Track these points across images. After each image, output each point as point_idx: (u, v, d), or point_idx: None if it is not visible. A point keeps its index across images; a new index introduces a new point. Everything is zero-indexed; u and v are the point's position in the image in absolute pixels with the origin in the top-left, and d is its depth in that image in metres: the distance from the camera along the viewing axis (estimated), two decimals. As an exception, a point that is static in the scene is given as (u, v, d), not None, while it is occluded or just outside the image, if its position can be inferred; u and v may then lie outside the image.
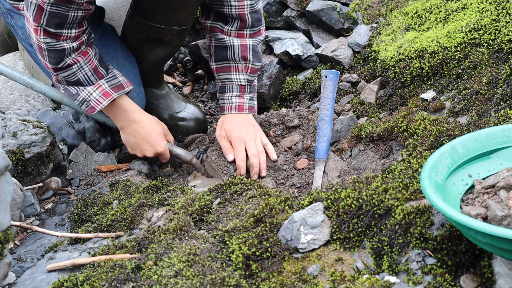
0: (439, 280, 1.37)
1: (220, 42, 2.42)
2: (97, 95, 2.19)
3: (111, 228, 1.98)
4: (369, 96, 2.49)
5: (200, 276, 1.55)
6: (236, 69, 2.42)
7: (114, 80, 2.23)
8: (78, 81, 2.19)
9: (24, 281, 1.81)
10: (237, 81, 2.42)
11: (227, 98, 2.43)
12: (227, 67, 2.43)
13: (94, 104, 2.20)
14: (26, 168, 2.23)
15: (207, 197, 1.96)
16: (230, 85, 2.43)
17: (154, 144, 2.31)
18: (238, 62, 2.42)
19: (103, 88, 2.20)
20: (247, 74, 2.44)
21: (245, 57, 2.41)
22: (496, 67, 2.15)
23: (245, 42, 2.42)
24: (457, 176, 1.49)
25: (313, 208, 1.66)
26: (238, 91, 2.43)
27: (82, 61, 2.16)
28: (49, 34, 2.06)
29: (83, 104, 2.22)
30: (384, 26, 2.77)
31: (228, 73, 2.43)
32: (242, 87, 2.43)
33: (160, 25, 2.34)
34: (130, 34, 2.48)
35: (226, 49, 2.41)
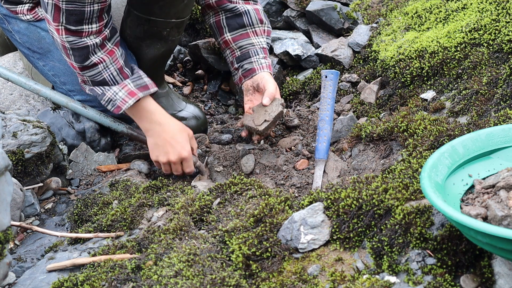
0: (439, 280, 1.37)
1: (233, 11, 2.46)
2: (122, 95, 2.19)
3: (111, 228, 1.98)
4: (369, 96, 2.49)
5: (200, 276, 1.55)
6: (254, 33, 2.47)
7: (140, 80, 2.23)
8: (104, 80, 2.19)
9: (24, 281, 1.81)
10: (259, 44, 2.47)
11: (255, 61, 2.45)
12: (245, 34, 2.47)
13: (120, 103, 2.19)
14: (26, 168, 2.23)
15: (207, 197, 1.96)
16: (254, 49, 2.46)
17: (179, 147, 2.23)
18: (256, 26, 2.47)
19: (129, 87, 2.20)
20: (265, 37, 2.50)
21: (261, 19, 2.47)
22: (496, 67, 2.15)
23: (256, 6, 2.50)
24: (457, 176, 1.49)
25: (313, 208, 1.66)
26: (263, 53, 2.47)
27: (108, 60, 2.17)
28: (71, 32, 2.07)
29: (109, 104, 2.21)
30: (384, 26, 2.77)
31: (248, 39, 2.47)
32: (264, 49, 2.48)
33: (158, 18, 2.35)
34: (128, 30, 2.48)
35: (241, 16, 2.46)
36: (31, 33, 2.47)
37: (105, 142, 2.56)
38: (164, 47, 2.48)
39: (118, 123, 2.43)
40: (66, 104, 2.44)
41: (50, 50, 2.44)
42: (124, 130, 2.42)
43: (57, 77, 2.49)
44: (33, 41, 2.48)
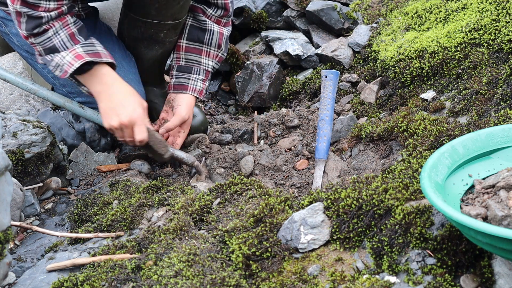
0: (439, 280, 1.37)
1: (200, 23, 2.45)
2: (70, 58, 2.11)
3: (111, 228, 1.98)
4: (369, 96, 2.49)
5: (200, 276, 1.55)
6: (207, 54, 2.46)
7: (91, 47, 2.15)
8: (54, 47, 2.12)
9: (24, 281, 1.81)
10: (205, 66, 2.46)
11: (193, 79, 2.44)
12: (199, 50, 2.46)
13: (67, 67, 2.11)
14: (26, 168, 2.23)
15: (207, 197, 1.96)
16: (198, 68, 2.45)
17: (130, 109, 2.14)
18: (212, 48, 2.46)
19: (77, 51, 2.12)
20: (215, 61, 2.48)
21: (220, 44, 2.46)
22: (496, 67, 2.15)
23: (222, 30, 2.48)
24: (457, 176, 1.49)
25: (313, 208, 1.66)
26: (204, 76, 2.46)
27: (58, 26, 2.10)
28: (27, 4, 2.03)
29: (57, 69, 2.14)
30: (384, 26, 2.77)
31: (198, 55, 2.46)
32: (207, 73, 2.47)
33: (154, 20, 2.35)
34: (126, 32, 2.48)
35: (204, 32, 2.44)
36: None
37: (105, 142, 2.56)
38: (162, 48, 2.48)
39: None
40: (63, 105, 2.44)
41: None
42: None
43: (56, 79, 2.49)
44: None
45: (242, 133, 2.55)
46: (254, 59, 2.94)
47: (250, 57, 3.03)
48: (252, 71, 2.87)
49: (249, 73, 2.87)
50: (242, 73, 2.91)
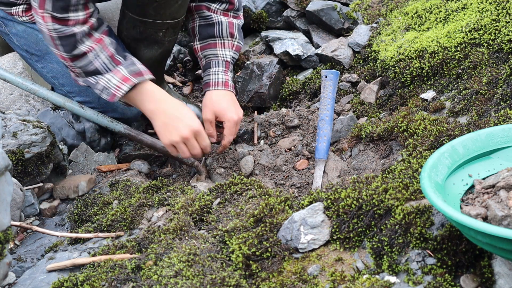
0: (439, 280, 1.37)
1: (207, 19, 2.44)
2: (116, 81, 2.13)
3: (111, 228, 1.98)
4: (369, 96, 2.49)
5: (200, 276, 1.55)
6: (222, 45, 2.43)
7: (133, 67, 2.17)
8: (96, 70, 2.13)
9: (24, 281, 1.81)
10: (223, 57, 2.42)
11: (213, 73, 2.40)
12: (213, 44, 2.43)
13: (115, 91, 2.13)
14: (26, 168, 2.23)
15: (207, 197, 1.96)
16: (216, 60, 2.41)
17: (188, 120, 2.14)
18: (225, 39, 2.43)
19: (122, 74, 2.14)
20: (232, 51, 2.45)
21: (232, 33, 2.43)
22: (496, 67, 2.15)
23: (231, 20, 2.46)
24: (457, 176, 1.49)
25: (313, 208, 1.66)
26: (224, 67, 2.41)
27: (98, 48, 2.12)
28: (57, 20, 2.04)
29: (103, 92, 2.15)
30: (384, 26, 2.77)
31: (214, 49, 2.43)
32: (227, 63, 2.42)
33: (153, 19, 2.34)
34: (125, 32, 2.48)
35: (213, 26, 2.43)
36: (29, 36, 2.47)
37: (105, 142, 2.56)
38: (162, 48, 2.48)
39: (116, 123, 2.42)
40: (63, 104, 2.44)
41: (49, 52, 2.44)
42: (122, 130, 2.41)
43: (56, 79, 2.49)
44: (31, 43, 2.48)
45: (242, 133, 2.55)
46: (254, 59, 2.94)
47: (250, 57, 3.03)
48: (252, 71, 2.87)
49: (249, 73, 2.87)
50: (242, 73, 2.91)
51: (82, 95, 2.47)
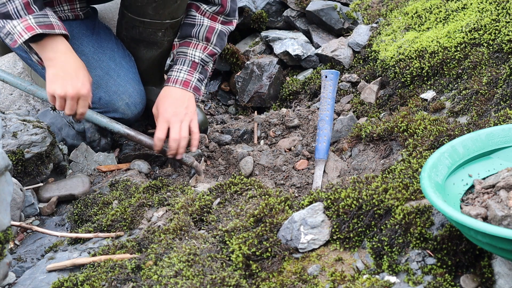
0: (439, 280, 1.37)
1: (191, 18, 2.42)
2: (20, 29, 2.11)
3: (111, 228, 1.98)
4: (369, 96, 2.49)
5: (200, 276, 1.55)
6: (195, 46, 2.40)
7: (44, 18, 2.14)
8: (8, 13, 2.11)
9: (24, 281, 1.81)
10: (191, 57, 2.39)
11: (176, 70, 2.38)
12: (187, 43, 2.41)
13: (17, 37, 2.11)
14: (26, 168, 2.23)
15: (207, 197, 1.96)
16: (183, 59, 2.39)
17: (79, 83, 2.15)
18: (200, 41, 2.40)
19: (28, 22, 2.11)
20: (203, 53, 2.41)
21: (208, 38, 2.40)
22: (496, 67, 2.15)
23: (214, 25, 2.42)
24: (457, 176, 1.49)
25: (313, 208, 1.66)
26: (189, 67, 2.38)
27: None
28: None
29: (8, 37, 2.15)
30: (384, 26, 2.77)
31: (186, 47, 2.41)
32: (194, 63, 2.39)
33: (152, 19, 2.34)
34: (124, 32, 2.48)
35: (193, 26, 2.40)
36: None
37: (105, 142, 2.56)
38: (161, 48, 2.48)
39: (115, 124, 2.41)
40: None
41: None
42: (121, 130, 2.41)
43: None
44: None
45: (242, 133, 2.55)
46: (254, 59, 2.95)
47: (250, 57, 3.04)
48: (252, 71, 2.87)
49: (249, 73, 2.87)
50: (242, 73, 2.91)
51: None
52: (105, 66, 2.44)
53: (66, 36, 2.19)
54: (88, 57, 2.42)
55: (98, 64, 2.43)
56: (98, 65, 2.43)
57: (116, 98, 2.46)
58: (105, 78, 2.42)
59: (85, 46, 2.43)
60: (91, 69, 2.43)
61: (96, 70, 2.43)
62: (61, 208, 2.31)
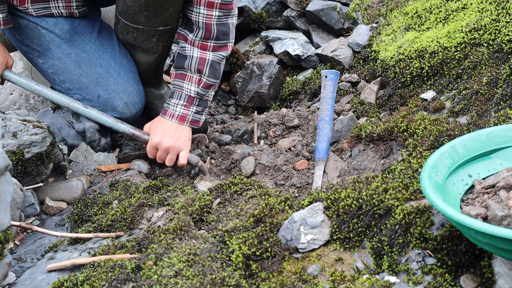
0: (439, 280, 1.37)
1: (182, 50, 2.39)
2: None
3: (111, 228, 1.98)
4: (369, 96, 2.49)
5: (200, 276, 1.55)
6: (190, 79, 2.38)
7: None
8: None
9: (24, 281, 1.81)
10: (187, 91, 2.38)
11: (173, 104, 2.39)
12: (183, 75, 2.39)
13: None
14: (26, 168, 2.23)
15: (207, 197, 1.96)
16: (180, 93, 2.39)
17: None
18: (193, 73, 2.38)
19: None
20: (199, 87, 2.38)
21: (200, 70, 2.36)
22: (496, 67, 2.15)
23: (205, 55, 2.36)
24: (457, 176, 1.49)
25: (313, 208, 1.66)
26: (185, 101, 2.38)
27: None
28: None
29: None
30: (384, 26, 2.77)
31: (182, 80, 2.39)
32: (190, 98, 2.38)
33: (145, 26, 2.34)
34: (120, 36, 2.49)
35: (185, 58, 2.38)
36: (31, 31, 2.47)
37: (105, 142, 2.56)
38: (157, 53, 2.47)
39: (120, 123, 2.42)
40: (67, 105, 2.43)
41: (50, 48, 2.44)
42: (126, 130, 2.41)
43: (56, 75, 2.49)
44: (32, 38, 2.47)
45: (242, 133, 2.55)
46: (254, 59, 2.95)
47: (250, 57, 3.04)
48: (252, 71, 2.87)
49: (249, 73, 2.87)
50: (242, 73, 2.91)
51: (82, 93, 2.47)
52: (105, 64, 2.44)
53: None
54: (89, 54, 2.43)
55: (99, 62, 2.44)
56: (98, 63, 2.43)
57: (115, 96, 2.46)
58: (105, 76, 2.42)
59: (86, 43, 2.44)
60: (91, 67, 2.43)
61: (96, 68, 2.43)
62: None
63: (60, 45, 2.41)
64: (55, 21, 2.41)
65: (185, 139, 2.37)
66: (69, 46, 2.42)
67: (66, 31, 2.41)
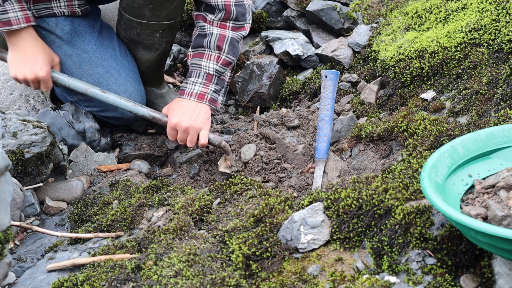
0: (439, 280, 1.37)
1: (201, 29, 2.41)
2: None
3: (111, 228, 1.98)
4: (369, 96, 2.49)
5: (200, 276, 1.55)
6: (208, 57, 2.39)
7: (2, 15, 2.20)
8: None
9: (24, 281, 1.81)
10: (205, 69, 2.38)
11: (191, 82, 2.37)
12: (201, 54, 2.40)
13: None
14: (26, 168, 2.23)
15: (207, 197, 1.96)
16: (198, 71, 2.38)
17: (37, 68, 2.28)
18: (212, 50, 2.39)
19: None
20: (218, 64, 2.39)
21: (220, 46, 2.38)
22: (496, 67, 2.15)
23: (224, 33, 2.40)
24: (457, 176, 1.49)
25: (313, 208, 1.66)
26: (204, 79, 2.38)
27: None
28: None
29: None
30: (384, 26, 2.77)
31: (200, 59, 2.39)
32: (209, 75, 2.38)
33: (149, 21, 2.34)
34: (123, 33, 2.48)
35: (204, 36, 2.39)
36: None
37: (105, 142, 2.56)
38: (160, 50, 2.48)
39: (140, 106, 2.36)
40: (85, 91, 2.37)
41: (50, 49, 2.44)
42: (145, 113, 2.36)
43: None
44: None
45: (242, 133, 2.54)
46: (254, 59, 2.95)
47: (250, 57, 3.04)
48: (252, 71, 2.87)
49: (249, 73, 2.87)
50: (242, 73, 2.91)
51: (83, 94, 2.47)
52: (106, 64, 2.44)
53: (31, 25, 2.27)
54: (90, 54, 2.43)
55: (100, 62, 2.44)
56: (99, 63, 2.43)
57: (116, 97, 2.46)
58: (106, 76, 2.42)
59: (87, 44, 2.44)
60: (92, 67, 2.43)
61: (97, 68, 2.43)
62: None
63: (61, 46, 2.41)
64: (56, 22, 2.41)
65: (204, 118, 2.33)
66: (70, 47, 2.42)
67: (67, 32, 2.41)
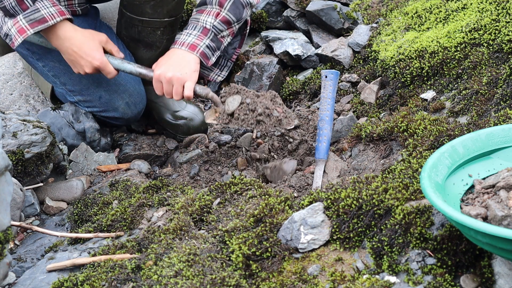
0: (439, 280, 1.37)
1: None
2: (14, 31, 2.18)
3: (111, 228, 1.98)
4: (369, 96, 2.49)
5: (200, 276, 1.55)
6: (208, 12, 2.33)
7: (35, 14, 2.17)
8: (5, 8, 2.18)
9: (24, 281, 1.81)
10: (202, 22, 2.32)
11: (185, 33, 2.32)
12: (202, 10, 2.35)
13: (14, 39, 2.20)
14: (26, 168, 2.23)
15: (207, 197, 1.96)
16: (195, 24, 2.33)
17: (89, 59, 2.24)
18: (213, 6, 2.32)
19: (20, 24, 2.17)
20: (216, 20, 2.32)
21: (221, 3, 2.32)
22: (496, 67, 2.15)
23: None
24: (457, 176, 1.49)
25: (313, 208, 1.66)
26: (199, 32, 2.31)
27: None
28: None
29: (7, 38, 2.25)
30: (384, 26, 2.77)
31: (200, 14, 2.34)
32: (205, 29, 2.31)
33: (150, 18, 2.34)
34: (124, 31, 2.48)
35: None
36: None
37: (105, 142, 2.56)
38: (160, 48, 2.47)
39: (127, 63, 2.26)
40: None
41: (50, 50, 2.44)
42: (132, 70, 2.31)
43: (57, 78, 2.49)
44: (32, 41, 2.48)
45: (242, 133, 2.55)
46: (254, 59, 2.95)
47: (250, 57, 3.04)
48: (252, 71, 2.87)
49: (249, 73, 2.87)
50: (242, 73, 2.91)
51: (83, 94, 2.47)
52: None
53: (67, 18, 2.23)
54: None
55: None
56: None
57: (116, 97, 2.46)
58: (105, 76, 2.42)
59: None
60: None
61: None
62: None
63: None
64: None
65: (191, 69, 2.25)
66: None
67: None
